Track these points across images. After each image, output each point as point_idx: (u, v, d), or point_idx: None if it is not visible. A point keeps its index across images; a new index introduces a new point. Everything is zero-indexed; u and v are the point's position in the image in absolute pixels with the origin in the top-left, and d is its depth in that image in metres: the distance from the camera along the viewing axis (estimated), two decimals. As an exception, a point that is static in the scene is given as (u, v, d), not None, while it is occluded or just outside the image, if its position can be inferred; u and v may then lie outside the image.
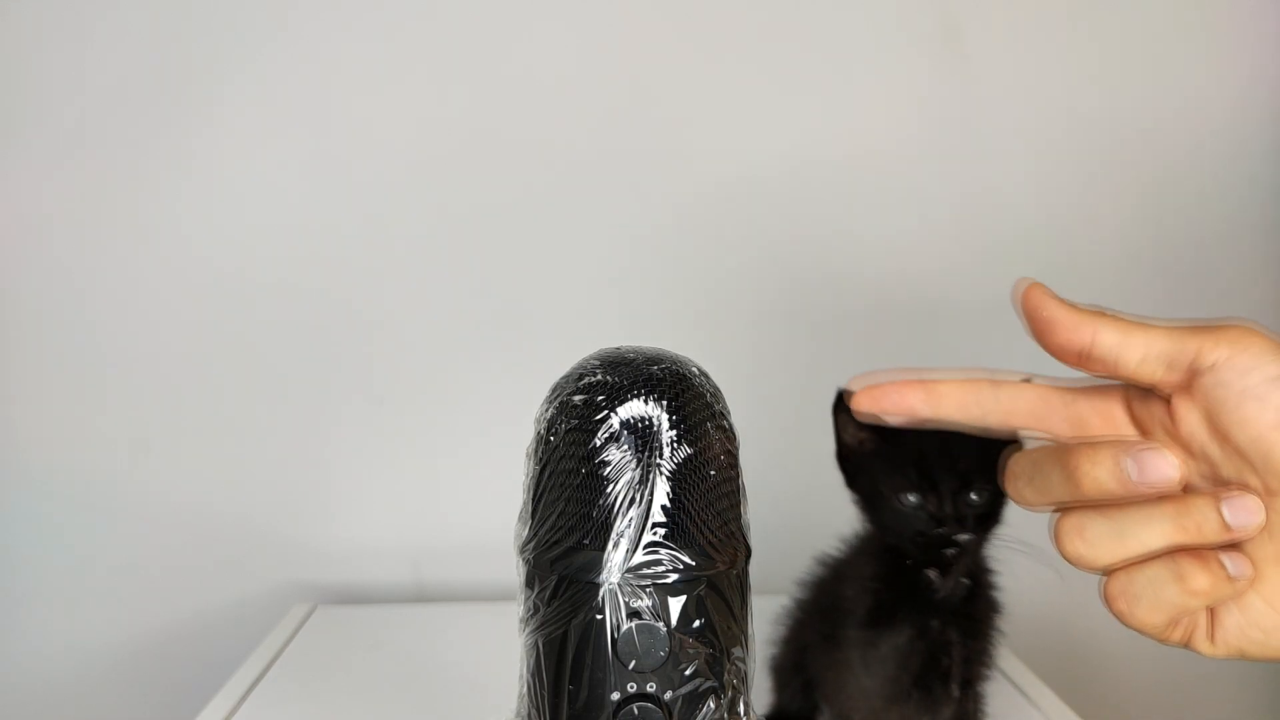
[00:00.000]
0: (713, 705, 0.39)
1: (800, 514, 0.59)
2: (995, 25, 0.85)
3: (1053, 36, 0.86)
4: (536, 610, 0.40)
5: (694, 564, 0.38)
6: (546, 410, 0.41)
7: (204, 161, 0.83)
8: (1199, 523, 0.33)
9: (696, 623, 0.39)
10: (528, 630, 0.41)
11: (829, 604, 0.59)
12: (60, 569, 0.87)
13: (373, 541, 0.88)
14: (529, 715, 0.41)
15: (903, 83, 0.86)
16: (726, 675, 0.39)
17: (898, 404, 0.40)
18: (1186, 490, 0.35)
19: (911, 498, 0.50)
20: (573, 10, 0.83)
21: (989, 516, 0.51)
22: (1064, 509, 0.36)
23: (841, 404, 0.53)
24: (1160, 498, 0.34)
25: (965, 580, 0.51)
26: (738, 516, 0.41)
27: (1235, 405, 0.33)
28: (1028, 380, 0.38)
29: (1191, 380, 0.34)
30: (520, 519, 0.42)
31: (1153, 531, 0.34)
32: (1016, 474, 0.38)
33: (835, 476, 0.55)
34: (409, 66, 0.83)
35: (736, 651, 0.40)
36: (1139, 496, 0.34)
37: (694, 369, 0.41)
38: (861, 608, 0.54)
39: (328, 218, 0.84)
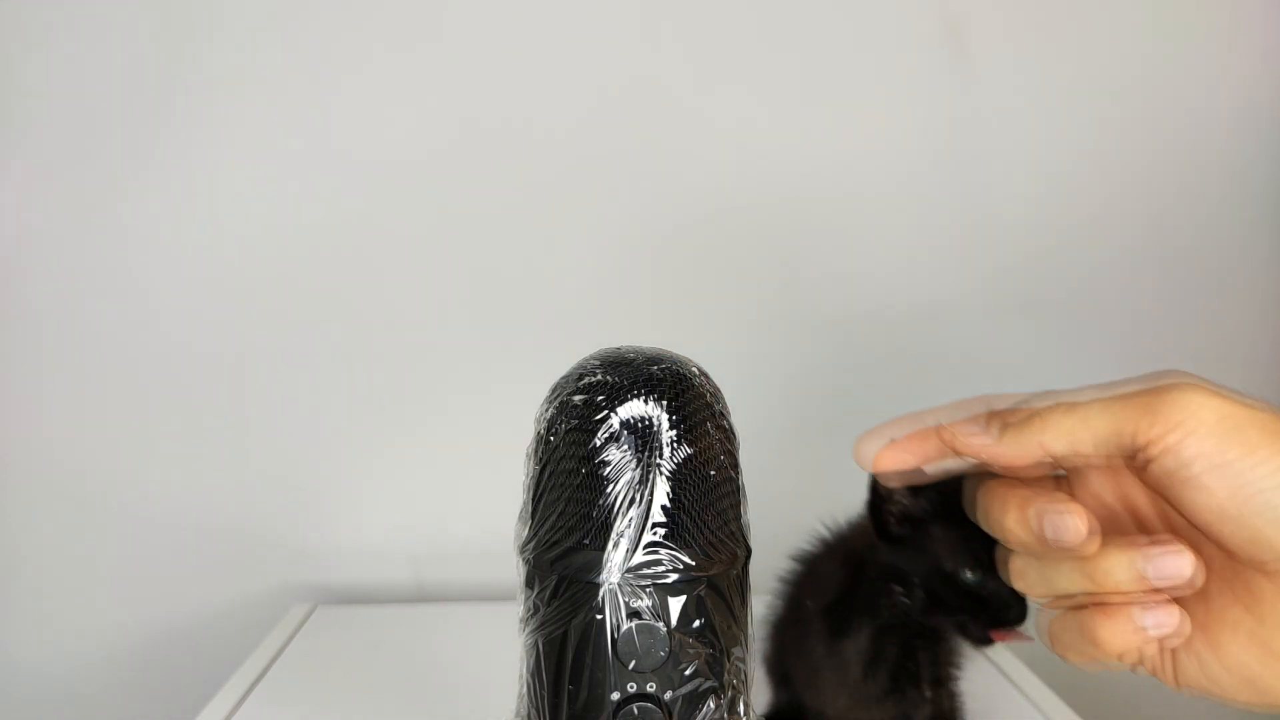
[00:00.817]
0: (713, 705, 0.39)
1: (800, 514, 0.59)
2: (999, 29, 0.85)
3: (1055, 40, 0.86)
4: (536, 610, 0.40)
5: (694, 564, 0.38)
6: (546, 410, 0.41)
7: (204, 161, 0.83)
8: (1106, 571, 0.33)
9: (696, 623, 0.39)
10: (528, 630, 0.41)
11: (798, 608, 0.59)
12: (60, 569, 0.87)
13: (373, 541, 0.88)
14: (529, 715, 0.41)
15: (904, 84, 0.86)
16: (726, 675, 0.39)
17: (922, 456, 0.39)
18: (1145, 532, 0.35)
19: (971, 574, 0.47)
20: (573, 11, 0.83)
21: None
22: (1013, 554, 0.37)
23: (878, 496, 0.49)
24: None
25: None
26: (738, 516, 0.41)
27: (1181, 489, 0.32)
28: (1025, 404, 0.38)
29: (1142, 461, 0.33)
30: (520, 519, 0.42)
31: (1065, 578, 0.34)
32: (968, 500, 0.39)
33: (835, 477, 0.55)
34: (409, 66, 0.83)
35: (736, 651, 0.40)
36: (1057, 549, 0.34)
37: (694, 369, 0.41)
38: (826, 614, 0.55)
39: (328, 218, 0.84)
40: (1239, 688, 0.34)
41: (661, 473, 0.38)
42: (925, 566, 0.49)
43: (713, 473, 0.39)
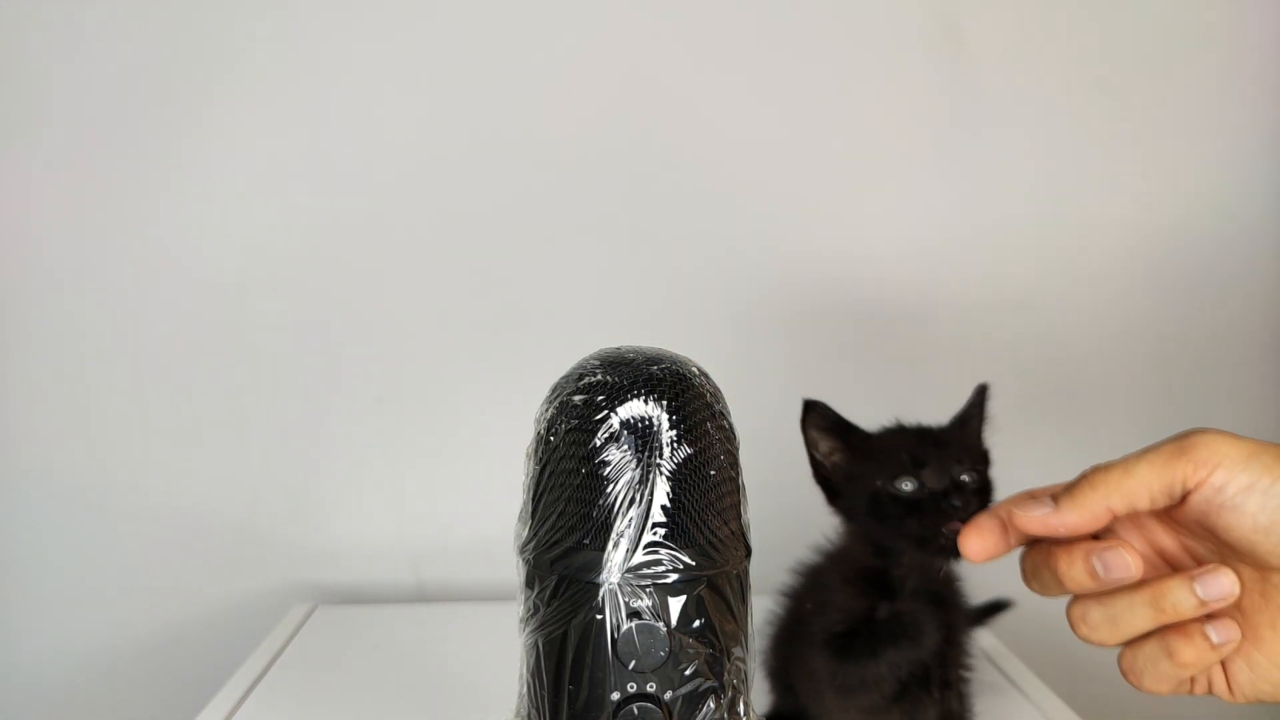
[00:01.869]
0: (713, 705, 0.39)
1: (800, 514, 0.59)
2: (997, 27, 0.86)
3: (1054, 39, 0.86)
4: (536, 610, 0.40)
5: (694, 564, 0.38)
6: (546, 410, 0.41)
7: (204, 161, 0.83)
8: (1174, 603, 0.38)
9: (696, 623, 0.39)
10: (528, 630, 0.41)
11: (801, 624, 0.59)
12: (60, 569, 0.87)
13: (373, 541, 0.88)
14: (529, 715, 0.41)
15: (904, 84, 0.86)
16: (726, 675, 0.39)
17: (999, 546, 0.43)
18: (1175, 570, 0.41)
19: (907, 484, 0.52)
20: (573, 11, 0.83)
21: (982, 493, 0.52)
22: (1074, 599, 0.42)
23: (809, 417, 0.55)
24: (1141, 583, 0.39)
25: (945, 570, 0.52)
26: (738, 516, 0.41)
27: (1217, 516, 0.38)
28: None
29: (1184, 498, 0.39)
30: (520, 519, 0.42)
31: (1137, 615, 0.39)
32: (1025, 571, 0.43)
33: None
34: (409, 66, 0.83)
35: (736, 651, 0.40)
36: (1113, 587, 0.39)
37: (694, 369, 0.41)
38: (834, 622, 0.55)
39: (327, 217, 0.84)
40: None
41: (661, 473, 0.38)
42: (869, 498, 0.53)
43: (713, 473, 0.39)
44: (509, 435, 0.53)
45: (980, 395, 0.57)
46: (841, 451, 0.55)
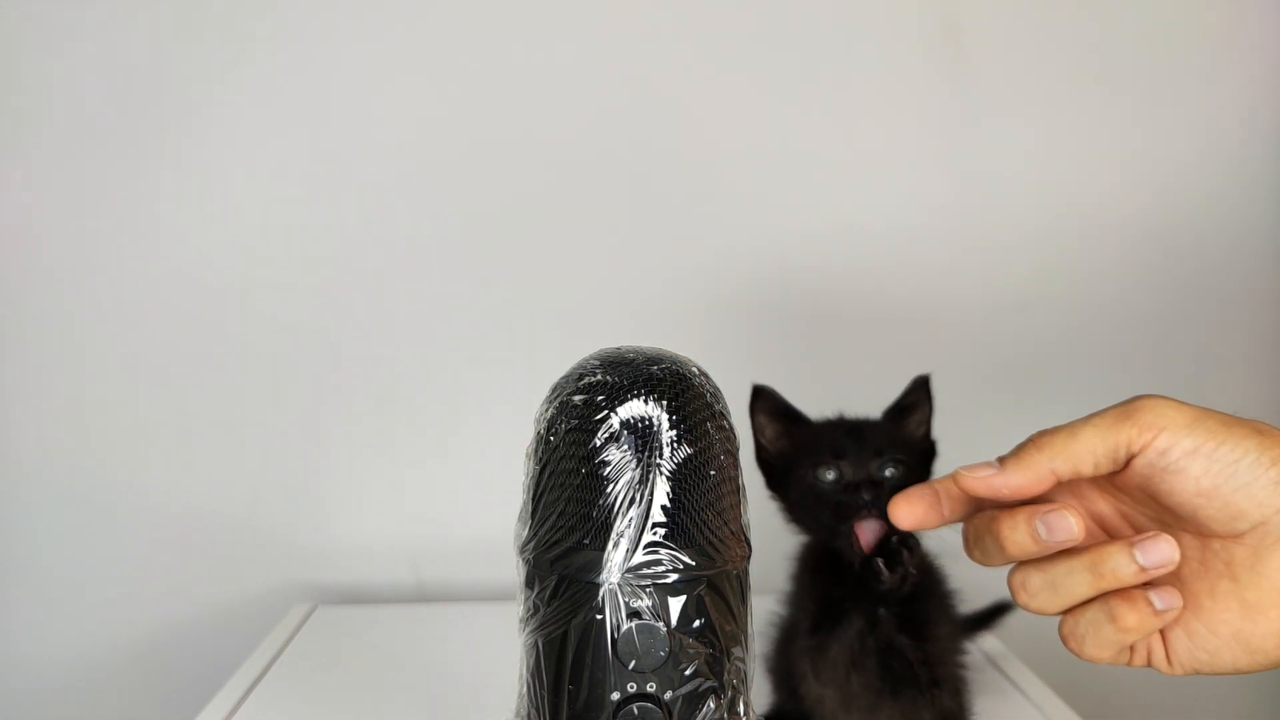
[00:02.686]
0: (713, 705, 0.39)
1: (800, 514, 0.59)
2: (997, 27, 0.85)
3: (1054, 40, 0.86)
4: (536, 610, 0.40)
5: (694, 564, 0.38)
6: (546, 410, 0.41)
7: (204, 162, 0.83)
8: (1113, 568, 0.38)
9: (696, 623, 0.39)
10: (528, 630, 0.41)
11: (792, 622, 0.60)
12: (60, 569, 0.87)
13: (373, 541, 0.88)
14: (529, 715, 0.41)
15: (905, 83, 0.86)
16: (726, 675, 0.39)
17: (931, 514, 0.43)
18: (1124, 535, 0.40)
19: (828, 474, 0.53)
20: (576, 13, 0.83)
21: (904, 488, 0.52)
22: (1014, 567, 0.41)
23: (757, 402, 0.56)
24: (1080, 549, 0.39)
25: (913, 572, 0.52)
26: (738, 516, 0.41)
27: (1160, 480, 0.38)
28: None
29: (1127, 463, 0.39)
30: (520, 519, 0.42)
31: (1076, 580, 0.39)
32: (966, 539, 0.43)
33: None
34: (409, 67, 0.83)
35: (736, 651, 0.40)
36: (1057, 549, 0.39)
37: (694, 369, 0.41)
38: (806, 618, 0.56)
39: (327, 218, 0.84)
40: (1229, 650, 0.39)
41: (661, 473, 0.38)
42: (797, 486, 0.54)
43: (713, 473, 0.39)
44: (509, 435, 0.53)
45: (919, 386, 0.58)
46: (784, 438, 0.57)
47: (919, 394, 0.58)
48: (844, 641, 0.54)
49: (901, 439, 0.56)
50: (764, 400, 0.57)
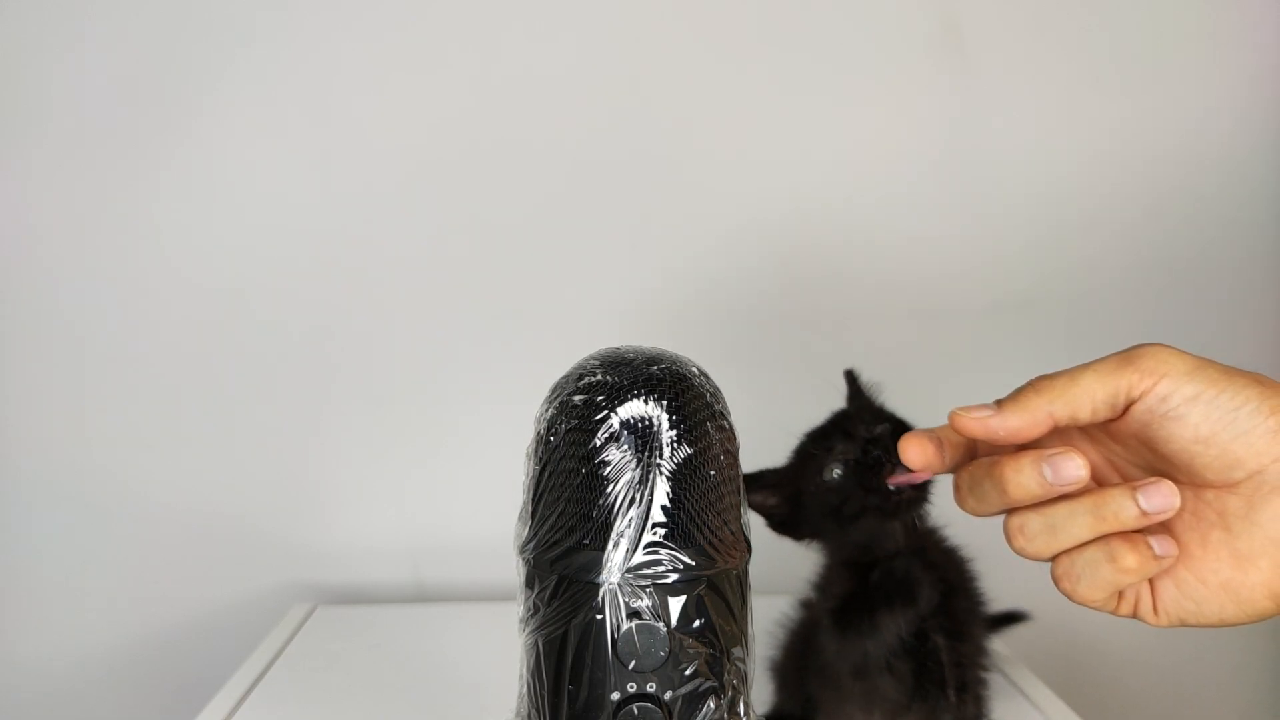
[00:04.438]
0: (713, 705, 0.39)
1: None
2: (999, 28, 0.85)
3: (1056, 40, 0.86)
4: (536, 610, 0.40)
5: (694, 564, 0.38)
6: (546, 410, 0.41)
7: (204, 163, 0.83)
8: (1115, 511, 0.38)
9: (696, 623, 0.39)
10: (528, 630, 0.41)
11: (811, 624, 0.60)
12: (60, 570, 0.87)
13: (373, 541, 0.88)
14: (529, 715, 0.41)
15: (907, 83, 0.86)
16: (726, 675, 0.39)
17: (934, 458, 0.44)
18: (1117, 484, 0.40)
19: (834, 471, 0.53)
20: (574, 13, 0.83)
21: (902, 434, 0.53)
22: (1010, 512, 0.41)
23: (752, 488, 0.55)
24: (1082, 493, 0.39)
25: (929, 501, 0.52)
26: (738, 516, 0.41)
27: (1160, 426, 0.38)
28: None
29: (1125, 409, 0.39)
30: (520, 519, 0.42)
31: (1077, 522, 0.39)
32: (959, 487, 0.42)
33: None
34: (408, 68, 0.83)
35: (736, 651, 0.40)
36: (1059, 494, 0.39)
37: (694, 369, 0.41)
38: (837, 616, 0.55)
39: (328, 219, 0.84)
40: (1217, 600, 0.39)
41: (661, 473, 0.38)
42: (816, 507, 0.54)
43: (713, 473, 0.39)
44: (509, 435, 0.53)
45: (850, 381, 0.59)
46: (778, 494, 0.56)
47: (856, 387, 0.59)
48: (880, 641, 0.53)
49: (871, 411, 0.56)
50: (756, 483, 0.56)
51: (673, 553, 0.38)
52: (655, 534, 0.38)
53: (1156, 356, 0.38)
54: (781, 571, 0.62)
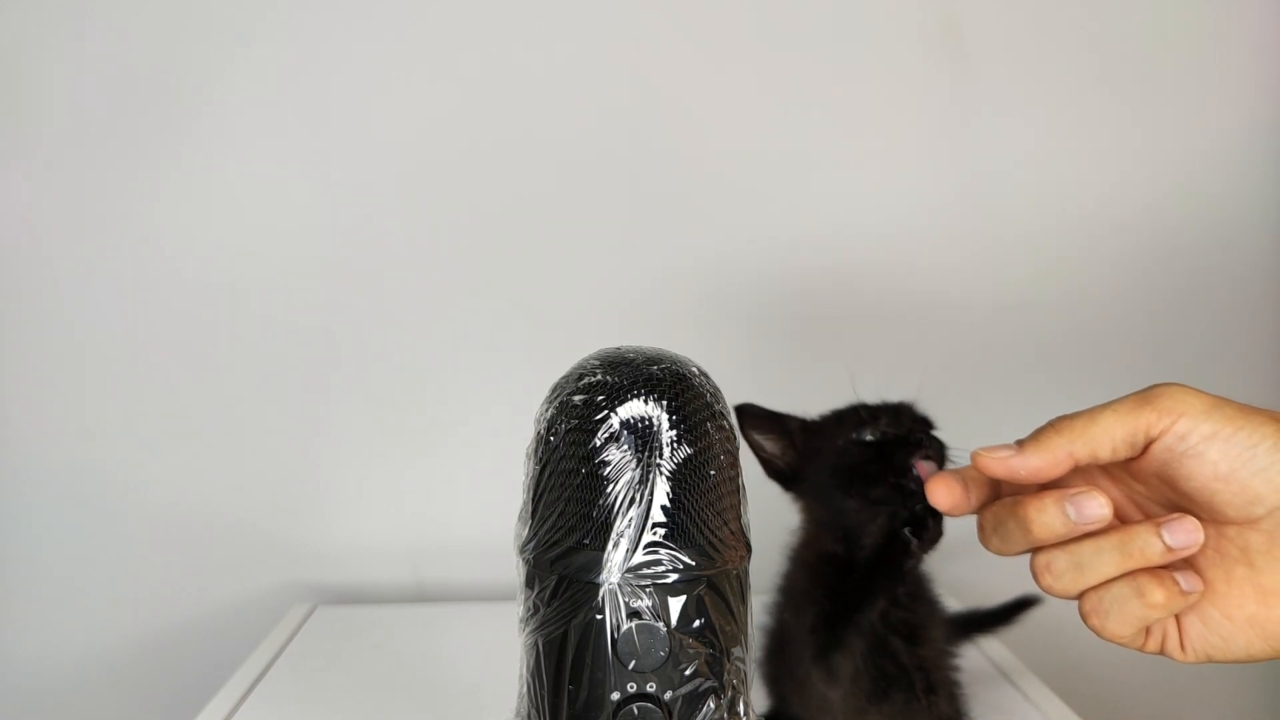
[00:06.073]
0: (713, 705, 0.39)
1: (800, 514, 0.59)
2: (997, 27, 0.86)
3: (1054, 39, 0.86)
4: (536, 610, 0.40)
5: (694, 564, 0.38)
6: (546, 410, 0.41)
7: (204, 162, 0.83)
8: (1140, 547, 0.39)
9: (696, 623, 0.39)
10: (528, 630, 0.41)
11: (784, 627, 0.59)
12: (60, 569, 0.87)
13: (373, 541, 0.88)
14: (529, 715, 0.41)
15: (905, 83, 0.86)
16: (726, 675, 0.39)
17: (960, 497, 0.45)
18: (1140, 520, 0.40)
19: (869, 434, 0.53)
20: (573, 12, 0.83)
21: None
22: (1035, 551, 0.41)
23: (744, 421, 0.56)
24: (1107, 530, 0.39)
25: (940, 533, 0.52)
26: (738, 516, 0.41)
27: (1179, 464, 0.39)
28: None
29: (1145, 448, 0.40)
30: (520, 519, 0.42)
31: (1104, 559, 0.39)
32: (983, 527, 0.43)
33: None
34: (408, 67, 0.83)
35: (736, 651, 0.40)
36: (1083, 532, 0.39)
37: (694, 369, 0.41)
38: (810, 621, 0.55)
39: (327, 218, 0.84)
40: (1243, 635, 0.40)
41: (661, 473, 0.38)
42: (833, 460, 0.54)
43: (713, 473, 0.39)
44: (509, 435, 0.53)
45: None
46: (786, 439, 0.56)
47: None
48: (850, 644, 0.53)
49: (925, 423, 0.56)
50: (750, 418, 0.56)
51: (673, 553, 0.38)
52: (655, 534, 0.38)
53: (1174, 396, 0.39)
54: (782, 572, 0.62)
